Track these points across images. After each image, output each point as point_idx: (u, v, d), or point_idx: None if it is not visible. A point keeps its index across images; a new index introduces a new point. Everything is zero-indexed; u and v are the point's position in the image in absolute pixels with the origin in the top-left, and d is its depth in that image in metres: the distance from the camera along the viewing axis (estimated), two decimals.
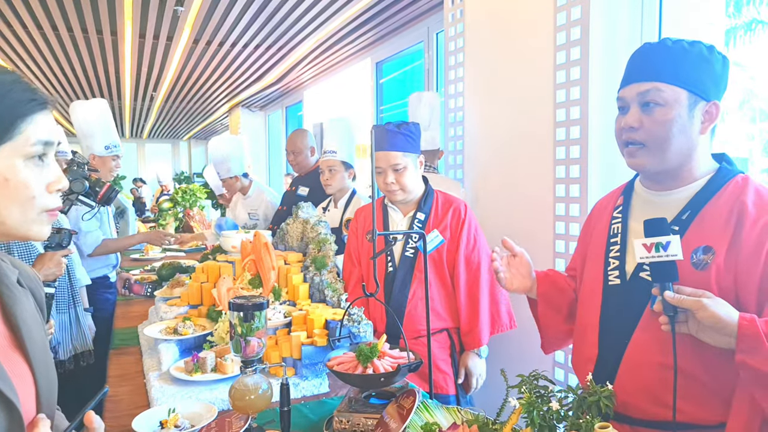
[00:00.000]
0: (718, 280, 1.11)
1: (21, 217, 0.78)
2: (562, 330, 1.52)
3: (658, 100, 1.16)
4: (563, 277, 1.57)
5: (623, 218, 1.31)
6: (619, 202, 1.36)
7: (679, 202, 1.21)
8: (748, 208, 1.11)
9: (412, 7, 3.65)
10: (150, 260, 4.23)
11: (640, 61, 1.22)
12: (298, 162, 3.62)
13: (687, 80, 1.15)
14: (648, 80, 1.17)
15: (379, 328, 2.12)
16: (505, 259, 1.52)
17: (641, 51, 1.23)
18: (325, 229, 2.36)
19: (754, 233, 1.09)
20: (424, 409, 1.31)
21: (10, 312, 0.82)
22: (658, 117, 1.16)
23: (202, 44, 4.74)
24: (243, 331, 1.25)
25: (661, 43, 1.20)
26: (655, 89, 1.16)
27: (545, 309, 1.51)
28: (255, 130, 8.55)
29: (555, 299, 1.51)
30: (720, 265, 1.11)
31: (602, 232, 1.37)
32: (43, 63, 5.46)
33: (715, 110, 1.18)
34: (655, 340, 1.18)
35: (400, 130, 2.10)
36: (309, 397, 1.63)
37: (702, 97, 1.16)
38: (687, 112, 1.16)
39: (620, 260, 1.28)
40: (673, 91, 1.15)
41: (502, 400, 1.20)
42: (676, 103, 1.15)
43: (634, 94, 1.20)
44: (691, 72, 1.15)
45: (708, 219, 1.16)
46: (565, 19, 2.16)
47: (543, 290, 1.51)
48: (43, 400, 0.83)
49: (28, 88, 0.79)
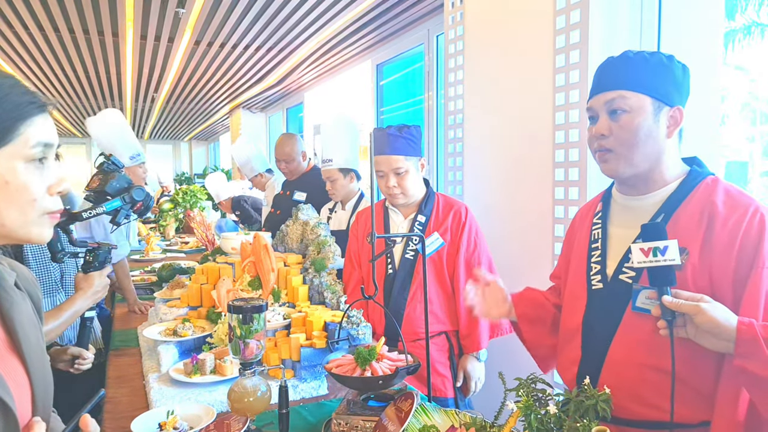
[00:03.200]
0: (695, 279, 1.14)
1: (20, 219, 0.78)
2: (549, 343, 1.54)
3: (624, 107, 1.22)
4: (540, 293, 1.61)
5: (603, 224, 1.36)
6: (599, 209, 1.40)
7: (653, 205, 1.26)
8: (718, 208, 1.16)
9: (412, 9, 3.65)
10: (150, 261, 4.24)
11: (605, 72, 1.28)
12: (291, 170, 3.56)
13: (649, 87, 1.21)
14: (613, 89, 1.24)
15: (378, 331, 2.12)
16: (479, 290, 1.56)
17: (606, 63, 1.29)
18: (324, 231, 2.36)
19: (725, 232, 1.13)
20: (423, 411, 1.31)
21: (6, 315, 0.83)
22: (625, 123, 1.22)
23: (203, 46, 4.75)
24: (242, 334, 1.25)
25: (623, 56, 1.26)
26: (621, 97, 1.22)
27: (528, 327, 1.55)
28: (256, 132, 8.57)
29: (535, 315, 1.55)
30: (695, 265, 1.15)
31: (584, 238, 1.41)
32: (45, 64, 5.47)
33: (679, 115, 1.23)
34: (636, 341, 1.21)
35: (401, 133, 2.11)
36: (308, 399, 1.64)
37: (665, 102, 1.22)
38: (652, 118, 1.21)
39: (601, 264, 1.32)
40: (637, 98, 1.21)
41: (501, 403, 1.21)
42: (641, 109, 1.21)
43: (602, 104, 1.26)
44: (653, 79, 1.21)
45: (681, 220, 1.20)
46: (565, 23, 2.16)
47: (521, 311, 1.55)
48: (38, 403, 0.83)
49: (26, 91, 0.79)
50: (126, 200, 1.77)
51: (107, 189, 1.75)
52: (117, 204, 1.75)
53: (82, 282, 1.70)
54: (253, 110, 8.53)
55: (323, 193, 3.05)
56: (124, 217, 1.80)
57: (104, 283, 1.73)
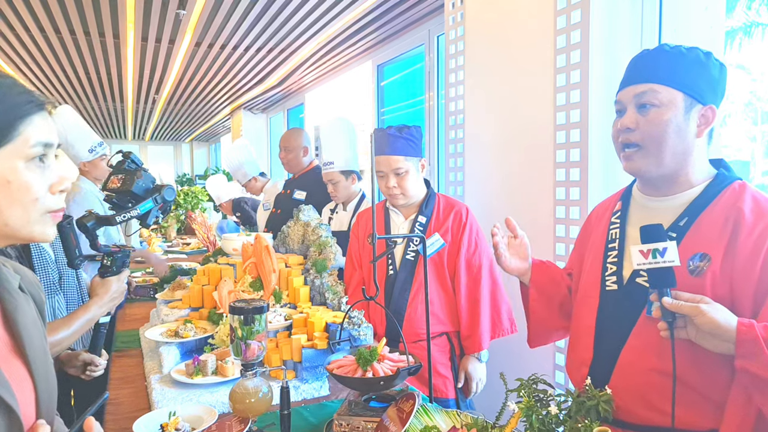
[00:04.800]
0: (714, 287, 1.11)
1: (23, 218, 0.78)
2: (550, 320, 1.52)
3: (654, 102, 1.17)
4: (559, 271, 1.58)
5: (621, 224, 1.32)
6: (617, 208, 1.36)
7: (677, 208, 1.21)
8: (744, 215, 1.11)
9: (413, 10, 3.65)
10: None
11: (637, 64, 1.23)
12: (289, 160, 3.59)
13: (683, 82, 1.16)
14: (644, 82, 1.19)
15: (379, 332, 2.12)
16: (505, 238, 1.54)
17: (639, 56, 1.24)
18: (325, 232, 2.36)
19: (750, 241, 1.09)
20: (424, 412, 1.31)
21: (11, 318, 0.83)
22: (653, 118, 1.17)
23: (204, 47, 4.75)
24: (243, 335, 1.26)
25: (658, 48, 1.21)
26: (651, 90, 1.17)
27: (537, 296, 1.52)
28: (257, 133, 8.58)
29: (547, 289, 1.52)
30: (716, 272, 1.11)
31: (600, 237, 1.37)
32: (46, 66, 5.48)
33: (711, 114, 1.18)
34: (649, 346, 1.18)
35: (402, 134, 2.11)
36: (309, 400, 1.64)
37: (698, 100, 1.17)
38: (683, 114, 1.17)
39: (617, 266, 1.28)
40: (668, 92, 1.16)
41: (502, 404, 1.21)
42: (671, 104, 1.16)
43: (631, 96, 1.21)
44: (687, 75, 1.16)
45: (705, 226, 1.15)
46: (565, 23, 2.16)
47: (536, 278, 1.53)
48: (42, 406, 0.84)
49: (24, 90, 0.80)
50: (158, 201, 1.67)
51: (134, 190, 1.64)
52: (150, 206, 1.66)
53: (99, 288, 1.60)
54: (254, 111, 8.54)
55: (324, 193, 3.05)
56: (154, 218, 1.69)
57: (122, 289, 1.63)
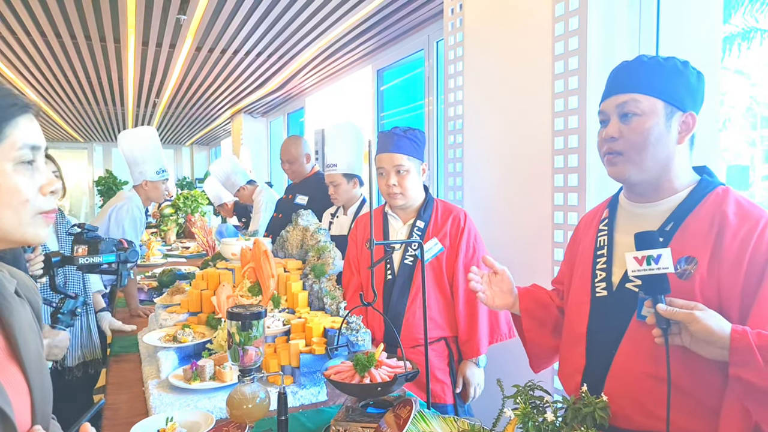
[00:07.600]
0: (702, 289, 1.13)
1: (15, 220, 0.79)
2: (547, 345, 1.53)
3: (635, 111, 1.21)
4: (546, 293, 1.60)
5: (609, 231, 1.34)
6: (605, 215, 1.39)
7: (662, 213, 1.24)
8: (729, 218, 1.14)
9: (412, 15, 3.67)
10: (151, 266, 4.24)
11: (618, 75, 1.27)
12: (293, 170, 3.61)
13: (662, 91, 1.20)
14: (625, 92, 1.23)
15: (377, 337, 2.12)
16: (486, 276, 1.55)
17: (620, 67, 1.28)
18: (324, 237, 2.36)
19: (735, 243, 1.11)
20: (421, 418, 1.31)
21: (6, 322, 0.83)
22: (635, 126, 1.21)
23: (204, 52, 4.77)
24: (241, 340, 1.26)
25: (637, 59, 1.25)
26: (633, 100, 1.21)
27: (529, 323, 1.53)
28: (257, 137, 8.60)
29: (538, 314, 1.53)
30: (703, 275, 1.13)
31: (589, 245, 1.39)
32: (47, 70, 5.49)
33: (691, 121, 1.22)
34: (641, 350, 1.19)
35: (406, 134, 2.13)
36: (307, 405, 1.64)
37: (678, 107, 1.21)
38: (664, 122, 1.20)
39: (607, 272, 1.30)
40: (649, 101, 1.20)
41: (499, 410, 1.21)
42: (652, 113, 1.20)
43: (613, 106, 1.25)
44: (667, 83, 1.20)
45: (690, 230, 1.18)
46: (563, 29, 2.17)
47: (525, 305, 1.53)
48: (38, 411, 0.84)
49: (8, 93, 0.80)
50: (121, 258, 1.83)
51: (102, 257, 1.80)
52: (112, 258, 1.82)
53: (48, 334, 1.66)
54: (254, 115, 8.56)
55: (325, 198, 3.06)
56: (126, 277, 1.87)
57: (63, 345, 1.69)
